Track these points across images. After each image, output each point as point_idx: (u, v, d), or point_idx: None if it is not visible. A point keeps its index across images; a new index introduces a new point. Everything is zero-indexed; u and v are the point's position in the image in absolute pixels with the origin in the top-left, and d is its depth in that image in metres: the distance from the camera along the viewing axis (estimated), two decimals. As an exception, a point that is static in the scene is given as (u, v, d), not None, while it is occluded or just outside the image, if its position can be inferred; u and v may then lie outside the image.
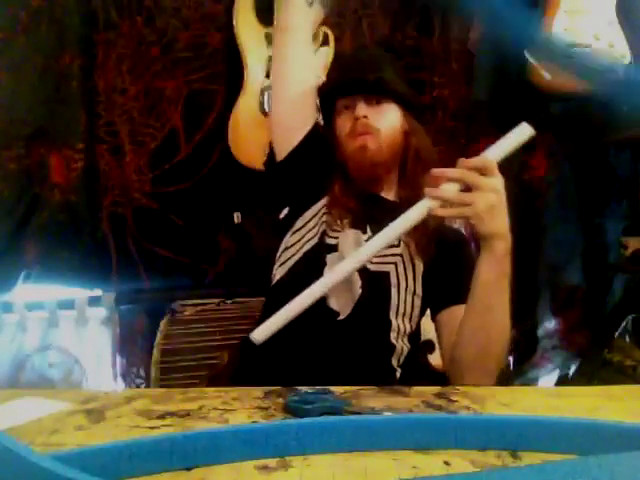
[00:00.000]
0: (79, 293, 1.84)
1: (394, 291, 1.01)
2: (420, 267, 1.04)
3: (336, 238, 1.04)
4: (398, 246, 1.03)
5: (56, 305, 1.82)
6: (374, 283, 1.01)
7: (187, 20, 1.86)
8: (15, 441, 0.41)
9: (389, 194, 1.10)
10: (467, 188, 0.82)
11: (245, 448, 0.54)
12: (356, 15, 1.89)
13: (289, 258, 1.07)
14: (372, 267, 1.00)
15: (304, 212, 1.10)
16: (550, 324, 1.94)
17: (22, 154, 1.84)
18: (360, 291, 1.00)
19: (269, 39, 1.76)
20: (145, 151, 1.87)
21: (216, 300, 1.74)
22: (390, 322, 1.00)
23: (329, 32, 1.81)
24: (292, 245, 1.08)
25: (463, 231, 1.23)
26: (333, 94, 1.11)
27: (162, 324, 1.34)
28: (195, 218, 1.86)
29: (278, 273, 1.09)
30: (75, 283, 1.84)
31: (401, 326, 1.01)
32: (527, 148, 1.93)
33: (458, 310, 0.94)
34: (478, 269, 0.87)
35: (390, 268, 1.02)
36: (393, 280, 1.02)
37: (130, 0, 1.84)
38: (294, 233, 1.09)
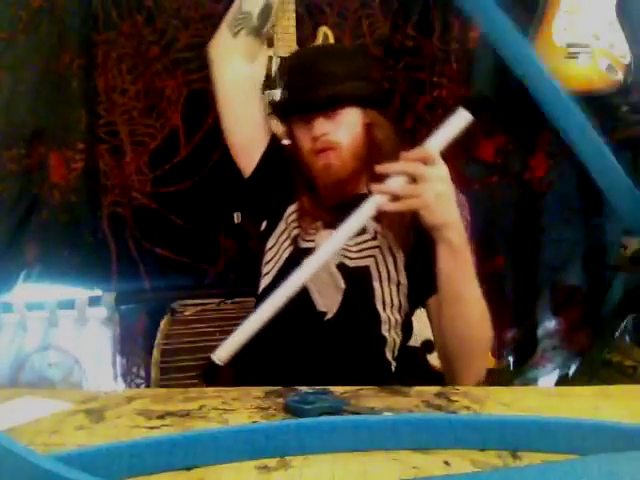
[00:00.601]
0: (79, 293, 1.84)
1: (376, 284, 1.01)
2: (401, 257, 1.03)
3: (312, 241, 1.04)
4: (375, 239, 1.03)
5: (56, 305, 1.82)
6: (355, 279, 1.01)
7: (187, 20, 1.85)
8: (15, 441, 0.41)
9: (362, 188, 1.08)
10: (414, 180, 0.83)
11: (245, 448, 0.54)
12: (356, 15, 1.89)
13: (271, 269, 1.08)
14: (351, 263, 1.01)
15: (279, 222, 1.11)
16: (550, 324, 1.94)
17: (22, 154, 1.84)
18: (344, 287, 1.00)
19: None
20: (145, 151, 1.87)
21: (216, 300, 1.74)
22: (379, 315, 1.01)
23: (329, 32, 1.81)
24: (271, 259, 1.09)
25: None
26: (288, 112, 1.09)
27: (162, 324, 1.34)
28: (195, 218, 1.86)
29: (263, 283, 1.09)
30: (75, 283, 1.84)
31: (391, 317, 1.01)
32: (527, 148, 1.94)
33: None
34: (437, 262, 0.88)
35: (369, 262, 1.02)
36: (374, 273, 1.02)
37: (130, 0, 1.85)
38: (271, 248, 1.10)
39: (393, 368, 1.02)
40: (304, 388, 0.73)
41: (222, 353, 0.78)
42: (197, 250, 1.87)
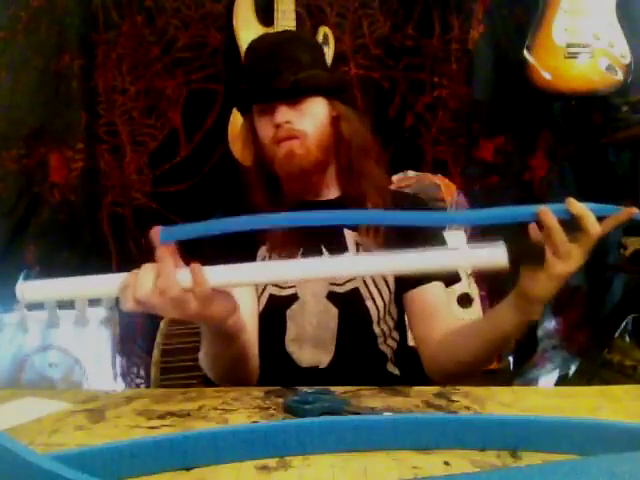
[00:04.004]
0: (79, 293, 1.84)
1: (369, 303, 0.96)
2: None
3: (293, 287, 0.96)
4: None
5: (56, 305, 1.82)
6: (348, 305, 0.96)
7: (187, 20, 1.86)
8: (15, 441, 0.41)
9: (330, 192, 1.02)
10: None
11: (245, 448, 0.54)
12: (356, 15, 1.89)
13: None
14: (340, 289, 0.96)
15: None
16: (550, 324, 1.94)
17: (22, 154, 1.84)
18: (336, 328, 0.95)
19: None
20: (145, 151, 1.87)
21: (216, 300, 1.73)
22: (375, 334, 0.97)
23: (329, 32, 1.81)
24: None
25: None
26: (249, 101, 1.00)
27: (162, 324, 1.34)
28: (195, 218, 1.86)
29: None
30: (75, 283, 1.84)
31: (385, 330, 0.98)
32: (527, 148, 1.94)
33: (429, 289, 0.94)
34: (498, 317, 0.80)
35: (358, 283, 0.96)
36: (364, 293, 0.96)
37: (130, 0, 1.85)
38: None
39: (397, 373, 1.01)
40: (304, 388, 0.73)
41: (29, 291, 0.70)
42: (197, 250, 1.87)
